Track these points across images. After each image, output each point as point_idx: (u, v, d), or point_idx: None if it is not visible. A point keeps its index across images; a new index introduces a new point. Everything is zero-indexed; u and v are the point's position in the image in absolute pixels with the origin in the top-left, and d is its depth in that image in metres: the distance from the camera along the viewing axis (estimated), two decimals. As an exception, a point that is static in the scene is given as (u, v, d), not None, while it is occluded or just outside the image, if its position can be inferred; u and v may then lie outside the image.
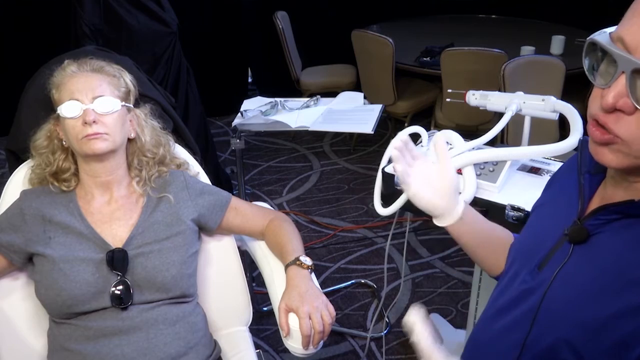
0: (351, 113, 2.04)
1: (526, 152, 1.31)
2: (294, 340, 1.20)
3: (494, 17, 4.35)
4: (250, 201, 1.52)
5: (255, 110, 2.01)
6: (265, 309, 2.37)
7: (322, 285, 2.49)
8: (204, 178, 1.49)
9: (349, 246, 2.80)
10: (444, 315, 2.27)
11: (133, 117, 1.33)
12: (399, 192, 1.25)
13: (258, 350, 1.48)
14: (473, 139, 1.34)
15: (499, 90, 2.06)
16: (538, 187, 1.29)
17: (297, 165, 3.65)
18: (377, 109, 2.03)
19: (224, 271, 1.48)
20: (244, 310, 1.51)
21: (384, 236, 2.86)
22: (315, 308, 1.18)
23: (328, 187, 3.36)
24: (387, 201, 1.26)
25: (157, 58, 2.40)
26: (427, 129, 1.65)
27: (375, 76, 3.43)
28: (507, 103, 1.40)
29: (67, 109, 1.21)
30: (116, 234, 1.27)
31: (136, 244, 1.26)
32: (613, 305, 0.68)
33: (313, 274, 1.30)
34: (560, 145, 1.24)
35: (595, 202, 0.80)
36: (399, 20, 4.25)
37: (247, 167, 3.57)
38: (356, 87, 3.63)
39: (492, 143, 1.38)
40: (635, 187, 0.73)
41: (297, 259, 1.29)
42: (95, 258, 1.22)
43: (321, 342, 1.20)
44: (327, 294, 1.63)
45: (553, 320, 0.76)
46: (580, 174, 0.83)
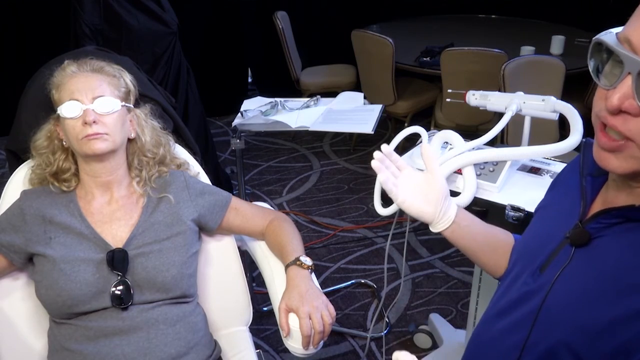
0: (351, 113, 2.04)
1: (526, 152, 1.31)
2: (294, 340, 1.20)
3: (494, 17, 4.35)
4: (250, 201, 1.52)
5: (255, 110, 2.01)
6: (265, 309, 2.37)
7: (322, 285, 2.49)
8: (204, 178, 1.49)
9: (349, 246, 2.80)
10: (444, 315, 2.27)
11: (133, 117, 1.33)
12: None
13: (258, 350, 1.48)
14: (473, 139, 1.34)
15: (499, 90, 2.06)
16: (538, 187, 1.29)
17: (297, 165, 3.65)
18: (377, 109, 2.03)
19: (224, 271, 1.48)
20: (244, 310, 1.51)
21: (384, 236, 2.86)
22: (315, 308, 1.18)
23: (328, 187, 3.36)
24: (387, 201, 1.26)
25: (157, 58, 2.40)
26: (427, 129, 1.65)
27: (375, 76, 3.43)
28: (507, 103, 1.40)
29: (67, 109, 1.21)
30: (116, 234, 1.27)
31: (136, 244, 1.26)
32: (613, 309, 0.68)
33: (313, 274, 1.30)
34: (560, 145, 1.24)
35: (597, 205, 0.79)
36: (399, 20, 4.25)
37: (247, 167, 3.57)
38: (356, 87, 3.63)
39: (492, 143, 1.38)
40: (638, 192, 0.72)
41: (298, 259, 1.29)
42: (96, 258, 1.22)
43: (321, 342, 1.20)
44: (327, 294, 1.63)
45: (553, 323, 0.75)
46: (582, 176, 0.82)
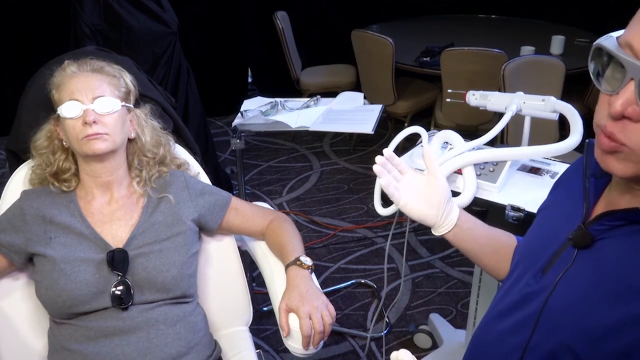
0: (351, 113, 2.04)
1: (526, 152, 1.31)
2: (294, 341, 1.20)
3: (494, 17, 4.35)
4: (250, 201, 1.52)
5: (255, 110, 2.01)
6: (265, 309, 2.37)
7: (322, 285, 2.49)
8: (204, 178, 1.49)
9: (349, 246, 2.80)
10: (444, 315, 2.27)
11: (133, 117, 1.33)
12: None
13: (258, 350, 1.48)
14: (473, 139, 1.34)
15: (499, 90, 2.06)
16: (538, 187, 1.30)
17: (297, 165, 3.65)
18: (377, 109, 2.03)
19: (224, 271, 1.48)
20: (244, 310, 1.51)
21: (384, 236, 2.86)
22: (315, 308, 1.18)
23: (328, 187, 3.36)
24: (387, 201, 1.26)
25: (157, 58, 2.40)
26: (427, 129, 1.65)
27: (375, 76, 3.43)
28: (507, 103, 1.40)
29: (67, 110, 1.21)
30: (116, 234, 1.27)
31: (136, 244, 1.26)
32: (616, 312, 0.67)
33: (313, 274, 1.30)
34: (560, 145, 1.24)
35: (600, 207, 0.78)
36: (399, 20, 4.25)
37: (247, 167, 3.57)
38: (356, 87, 3.63)
39: (492, 143, 1.37)
40: None
41: (298, 259, 1.29)
42: (96, 258, 1.22)
43: (321, 342, 1.20)
44: (327, 294, 1.63)
45: (555, 326, 0.75)
46: (585, 177, 0.81)
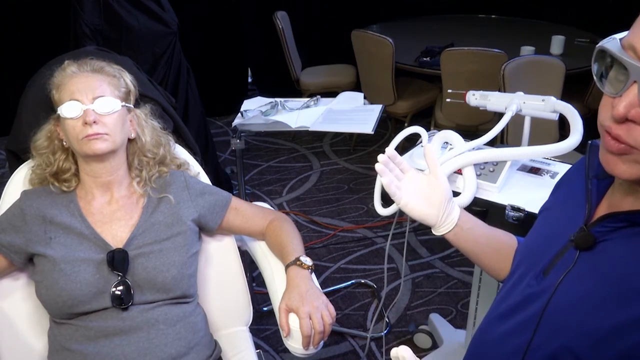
0: (351, 113, 2.04)
1: (526, 152, 1.31)
2: (294, 341, 1.20)
3: (494, 17, 4.35)
4: (250, 201, 1.52)
5: (255, 111, 2.01)
6: (265, 309, 2.37)
7: (322, 285, 2.49)
8: (204, 178, 1.50)
9: (349, 246, 2.80)
10: (444, 315, 2.27)
11: (133, 118, 1.33)
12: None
13: (258, 350, 1.48)
14: (473, 139, 1.34)
15: (499, 90, 2.06)
16: (538, 188, 1.30)
17: (297, 165, 3.65)
18: (377, 109, 2.03)
19: (224, 271, 1.48)
20: (244, 310, 1.51)
21: (384, 236, 2.86)
22: (315, 308, 1.18)
23: (328, 187, 3.36)
24: (387, 201, 1.26)
25: (157, 58, 2.40)
26: (427, 129, 1.65)
27: (375, 76, 3.43)
28: (507, 103, 1.40)
29: (68, 110, 1.21)
30: (117, 235, 1.27)
31: (137, 244, 1.26)
32: (617, 315, 0.67)
33: (313, 274, 1.30)
34: (560, 145, 1.24)
35: (602, 208, 0.78)
36: (399, 20, 4.25)
37: (247, 167, 3.57)
38: (356, 87, 3.63)
39: (492, 143, 1.38)
40: None
41: (298, 259, 1.29)
42: (96, 258, 1.22)
43: (321, 342, 1.20)
44: (327, 294, 1.63)
45: (556, 328, 0.74)
46: (587, 178, 0.81)
